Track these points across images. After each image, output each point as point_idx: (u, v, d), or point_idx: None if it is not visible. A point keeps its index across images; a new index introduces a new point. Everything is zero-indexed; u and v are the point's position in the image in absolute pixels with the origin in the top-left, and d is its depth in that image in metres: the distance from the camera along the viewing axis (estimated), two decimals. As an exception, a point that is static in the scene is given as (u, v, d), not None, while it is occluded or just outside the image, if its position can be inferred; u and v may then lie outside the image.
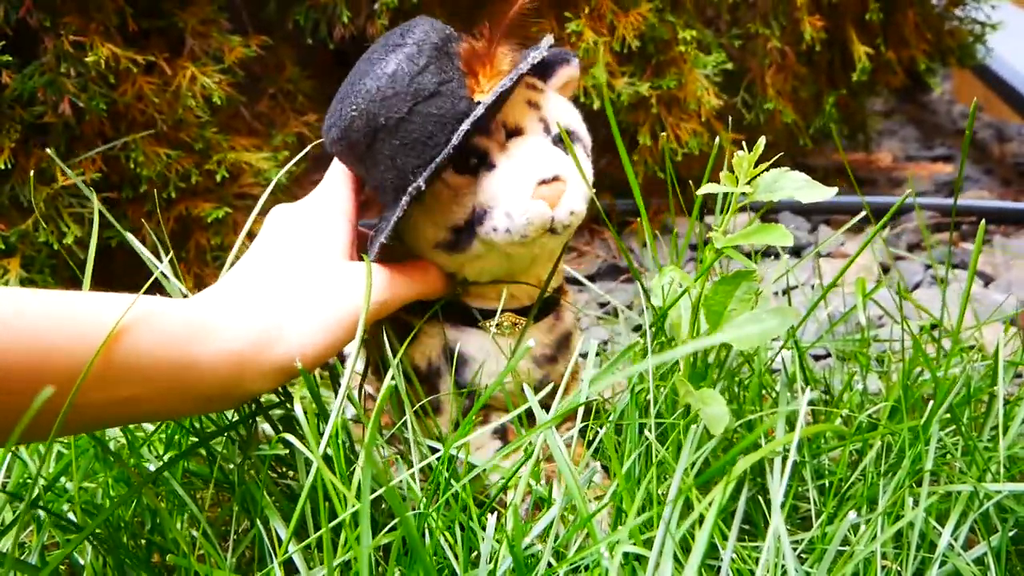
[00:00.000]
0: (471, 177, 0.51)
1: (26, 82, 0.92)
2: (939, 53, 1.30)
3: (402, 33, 0.51)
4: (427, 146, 0.49)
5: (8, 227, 0.95)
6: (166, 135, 1.01)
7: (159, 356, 0.44)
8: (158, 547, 0.53)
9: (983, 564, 0.50)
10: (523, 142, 0.51)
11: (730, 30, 1.24)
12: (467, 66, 0.50)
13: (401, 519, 0.31)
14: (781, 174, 0.46)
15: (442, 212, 0.52)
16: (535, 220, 0.49)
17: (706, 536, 0.35)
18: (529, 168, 0.50)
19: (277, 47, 1.14)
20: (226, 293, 0.49)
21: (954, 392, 0.57)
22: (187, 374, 0.45)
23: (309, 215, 0.53)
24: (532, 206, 0.49)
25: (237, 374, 0.46)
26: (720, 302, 0.45)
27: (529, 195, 0.49)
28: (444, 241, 0.52)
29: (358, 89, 0.50)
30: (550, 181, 0.49)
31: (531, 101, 0.53)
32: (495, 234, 0.50)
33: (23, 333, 0.39)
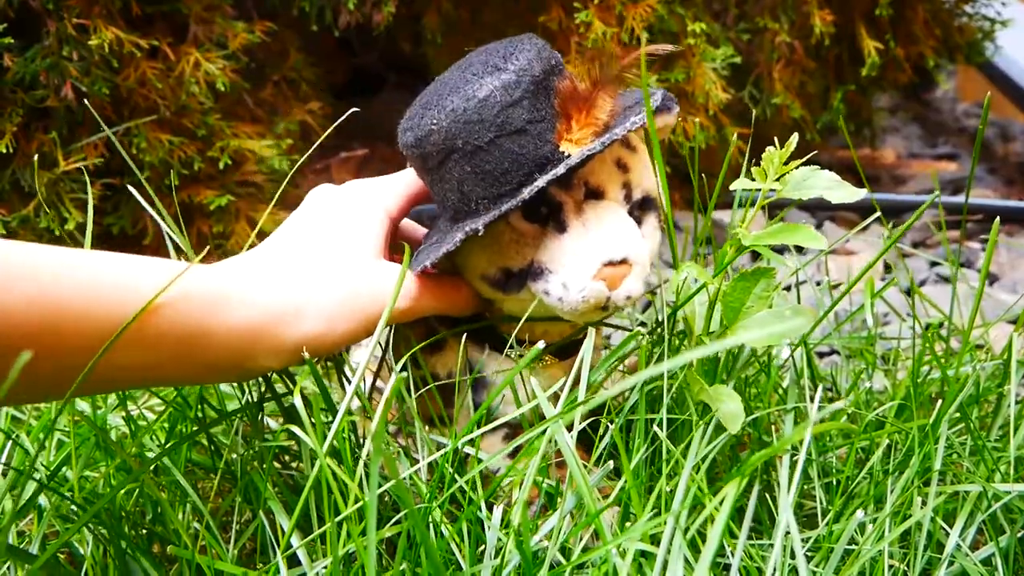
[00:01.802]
0: (539, 227, 0.49)
1: (28, 65, 0.91)
2: (947, 50, 1.30)
3: (505, 56, 0.48)
4: (498, 181, 0.47)
5: (9, 212, 0.94)
6: (169, 121, 1.00)
7: (176, 324, 0.43)
8: (159, 537, 0.53)
9: (991, 565, 0.49)
10: (601, 209, 0.49)
11: (738, 23, 1.23)
12: (563, 108, 0.47)
13: (409, 512, 0.31)
14: (811, 172, 0.45)
15: (499, 252, 0.50)
16: (591, 299, 0.47)
17: (718, 534, 0.34)
18: (599, 244, 0.47)
19: (281, 33, 1.13)
20: (252, 264, 0.48)
21: (964, 391, 0.57)
22: (202, 342, 0.44)
23: (350, 202, 0.52)
24: (591, 286, 0.47)
25: (250, 347, 0.46)
26: (738, 299, 0.45)
27: (592, 274, 0.47)
28: (492, 278, 0.51)
29: (445, 103, 0.48)
30: (617, 263, 0.47)
31: (620, 162, 0.50)
32: (547, 297, 0.49)
33: (41, 293, 0.39)
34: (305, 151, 1.17)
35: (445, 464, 0.46)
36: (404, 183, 0.54)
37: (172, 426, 0.59)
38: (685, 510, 0.41)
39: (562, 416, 0.44)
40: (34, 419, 0.65)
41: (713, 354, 0.53)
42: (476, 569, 0.44)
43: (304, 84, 1.18)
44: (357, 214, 0.51)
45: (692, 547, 0.44)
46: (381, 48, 1.47)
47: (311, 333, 0.47)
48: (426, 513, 0.45)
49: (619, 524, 0.47)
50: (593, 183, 0.49)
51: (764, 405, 0.58)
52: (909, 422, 0.56)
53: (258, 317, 0.46)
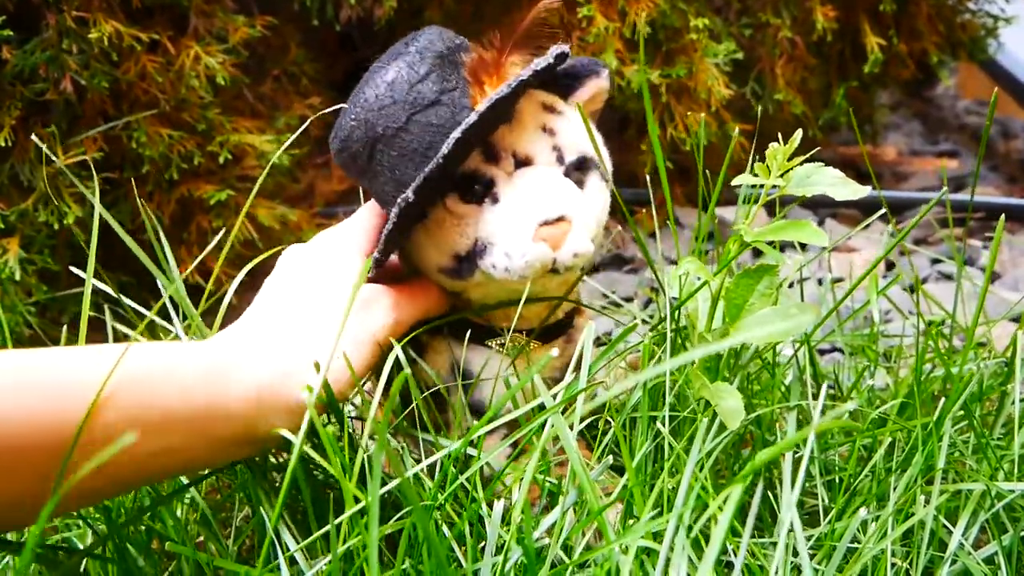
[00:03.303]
0: (476, 206, 0.49)
1: (27, 58, 0.91)
2: (950, 46, 1.29)
3: (407, 42, 0.49)
4: (426, 157, 0.46)
5: (8, 206, 0.94)
6: (168, 115, 0.99)
7: (180, 406, 0.43)
8: (157, 534, 0.52)
9: (994, 564, 0.49)
10: (531, 174, 0.49)
11: (740, 19, 1.22)
12: (473, 75, 0.47)
13: (414, 509, 0.30)
14: (815, 169, 0.45)
15: (444, 239, 0.50)
16: (535, 262, 0.47)
17: (723, 533, 0.34)
18: (532, 207, 0.47)
19: (282, 28, 1.12)
20: (241, 334, 0.49)
21: (968, 390, 0.57)
22: (210, 421, 0.44)
23: (322, 253, 0.52)
24: (532, 248, 0.47)
25: (257, 413, 0.45)
26: (741, 295, 0.44)
27: (530, 236, 0.47)
28: (447, 267, 0.51)
29: (358, 99, 0.48)
30: (554, 222, 0.47)
31: (546, 127, 0.50)
32: (494, 271, 0.49)
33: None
34: (305, 146, 1.17)
35: (449, 464, 0.46)
36: (367, 217, 0.54)
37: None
38: (688, 508, 0.41)
39: (562, 406, 0.44)
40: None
41: (716, 352, 0.53)
42: (477, 566, 0.44)
43: (305, 79, 1.18)
44: (330, 261, 0.51)
45: (695, 545, 0.44)
46: (382, 43, 1.46)
47: (314, 383, 0.46)
48: (431, 511, 0.45)
49: (622, 521, 0.47)
50: (521, 153, 0.49)
51: (766, 403, 0.58)
52: (911, 420, 0.56)
53: (259, 381, 0.45)
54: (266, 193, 1.06)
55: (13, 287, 0.92)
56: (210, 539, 0.51)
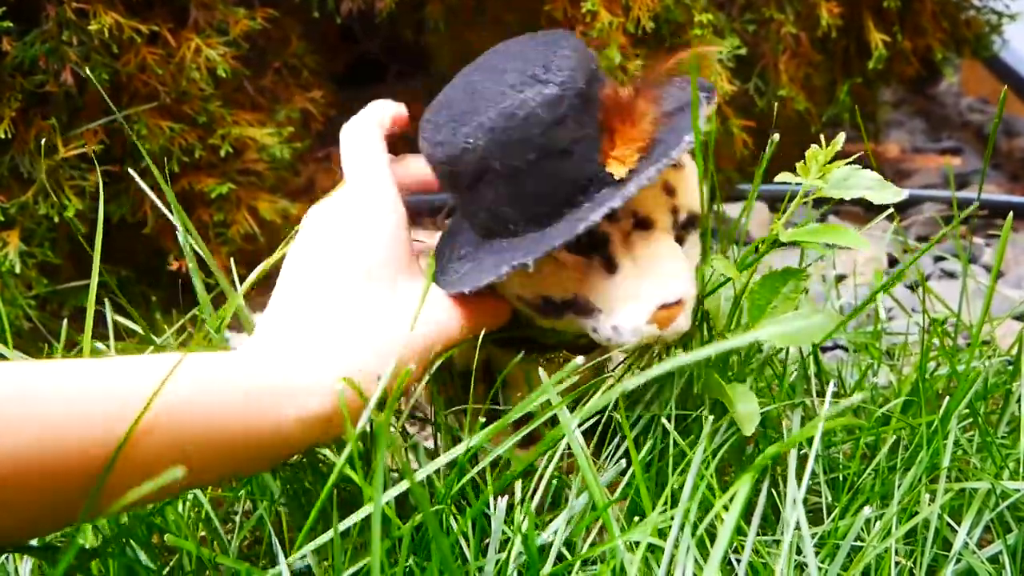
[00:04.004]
0: (582, 259, 0.46)
1: (27, 50, 0.90)
2: (955, 43, 1.29)
3: (546, 65, 0.44)
4: (537, 203, 0.44)
5: (7, 199, 0.93)
6: (169, 108, 0.99)
7: (226, 429, 0.39)
8: (158, 528, 0.52)
9: (998, 563, 0.49)
10: (653, 243, 0.45)
11: (743, 14, 1.22)
12: (606, 121, 0.44)
13: (425, 514, 0.30)
14: (853, 171, 0.44)
15: (539, 281, 0.47)
16: (643, 340, 0.45)
17: (730, 531, 0.34)
18: (654, 287, 0.45)
19: (283, 20, 1.12)
20: (289, 341, 0.44)
21: (973, 388, 0.56)
22: (268, 441, 0.40)
23: (356, 221, 0.47)
24: (645, 329, 0.45)
25: (326, 430, 0.42)
26: (765, 297, 0.44)
27: (646, 317, 0.44)
28: (530, 302, 0.48)
29: (481, 120, 0.44)
30: (672, 306, 0.45)
31: (668, 186, 0.47)
32: (594, 334, 0.47)
33: (36, 418, 0.33)
34: (306, 139, 1.16)
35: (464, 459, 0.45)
36: (386, 172, 0.49)
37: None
38: (694, 505, 0.41)
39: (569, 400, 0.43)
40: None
41: (728, 350, 0.52)
42: (482, 562, 0.44)
43: (305, 71, 1.17)
44: (371, 234, 0.46)
45: (699, 542, 0.44)
46: (383, 36, 1.46)
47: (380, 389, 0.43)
48: (440, 513, 0.45)
49: (625, 518, 0.47)
50: (642, 213, 0.45)
51: (771, 400, 0.58)
52: (916, 418, 0.56)
53: (325, 402, 0.41)
54: (267, 187, 1.06)
55: (13, 280, 0.91)
56: (212, 535, 0.51)
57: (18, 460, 0.32)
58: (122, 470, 0.34)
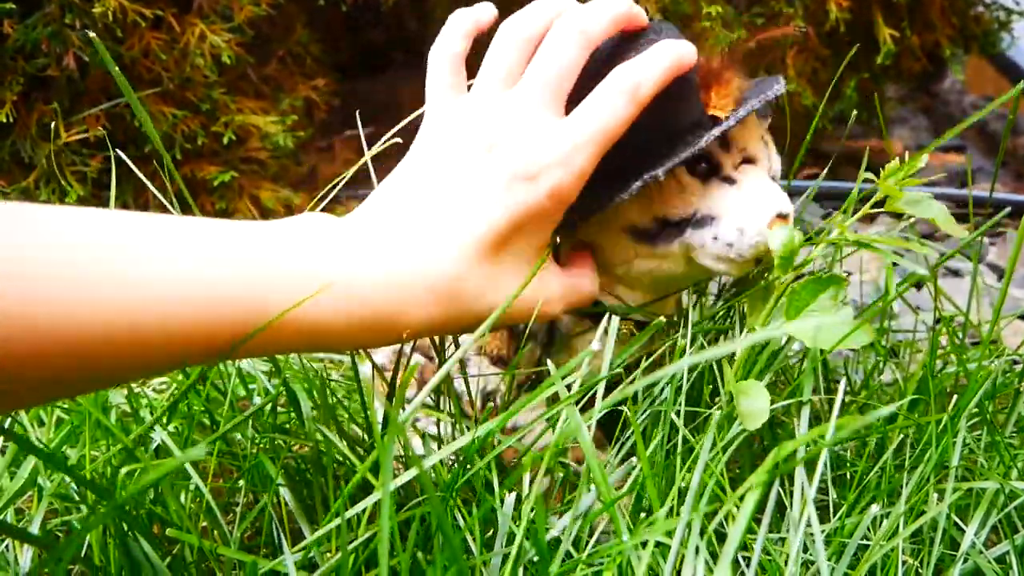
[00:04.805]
0: (698, 181, 0.51)
1: (29, 33, 0.89)
2: (963, 39, 1.28)
3: (656, 30, 0.51)
4: (654, 142, 0.49)
5: (8, 184, 0.92)
6: (172, 94, 0.98)
7: (354, 327, 0.41)
8: (159, 518, 0.52)
9: (1005, 563, 0.49)
10: (759, 174, 0.52)
11: (751, 7, 1.21)
12: (703, 81, 0.50)
13: (432, 506, 0.30)
14: (925, 197, 0.48)
15: (661, 201, 0.51)
16: (761, 246, 0.50)
17: (741, 530, 0.34)
18: (773, 197, 0.50)
19: (287, 7, 1.11)
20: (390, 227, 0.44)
21: (983, 387, 0.56)
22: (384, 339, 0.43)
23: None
24: (766, 231, 0.49)
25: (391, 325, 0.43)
26: (805, 299, 0.45)
27: (767, 222, 0.49)
28: (642, 228, 0.52)
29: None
30: (784, 217, 0.50)
31: (764, 138, 0.53)
32: (712, 243, 0.50)
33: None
34: (309, 128, 1.15)
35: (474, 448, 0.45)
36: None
37: (173, 405, 0.58)
38: (701, 504, 0.40)
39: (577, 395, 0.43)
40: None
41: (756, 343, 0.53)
42: (487, 556, 0.43)
43: (309, 59, 1.16)
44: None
45: (707, 540, 0.43)
46: (387, 25, 1.45)
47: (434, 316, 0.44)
48: (447, 502, 0.44)
49: (631, 513, 0.47)
50: (750, 151, 0.52)
51: (776, 396, 0.58)
52: (923, 416, 0.55)
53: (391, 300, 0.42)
54: (270, 176, 1.05)
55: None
56: (213, 526, 0.51)
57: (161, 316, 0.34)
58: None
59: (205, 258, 0.37)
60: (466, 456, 0.46)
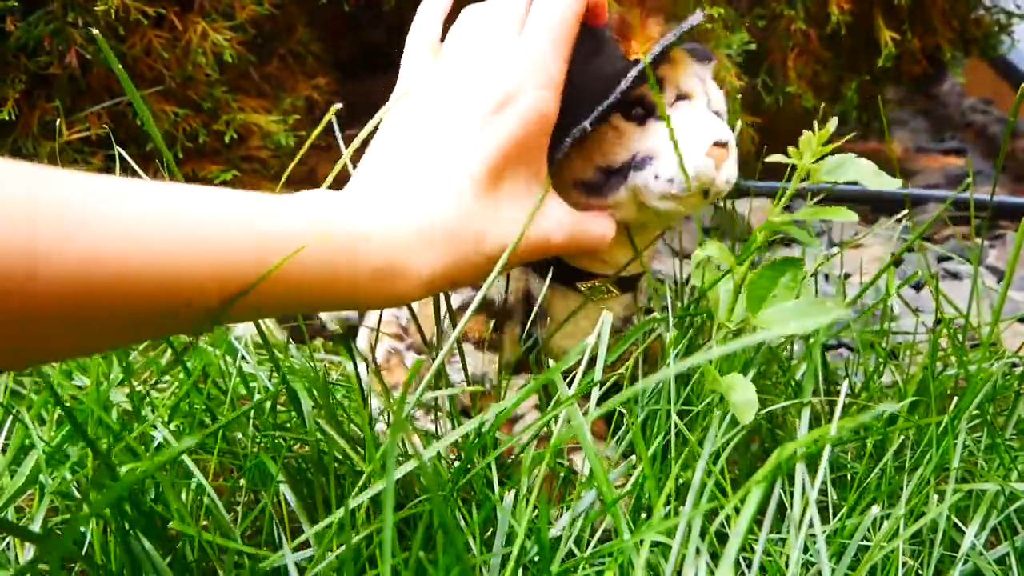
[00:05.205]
0: (636, 125, 0.51)
1: (31, 30, 0.89)
2: (963, 42, 1.28)
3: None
4: (582, 97, 0.49)
5: (9, 181, 0.92)
6: (174, 92, 0.98)
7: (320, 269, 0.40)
8: (160, 516, 0.52)
9: (1005, 564, 0.49)
10: (695, 108, 0.51)
11: (753, 9, 1.21)
12: (621, 33, 0.50)
13: (434, 501, 0.30)
14: (847, 158, 0.44)
15: (600, 151, 0.51)
16: (702, 176, 0.49)
17: (742, 531, 0.34)
18: (705, 127, 0.50)
19: (289, 7, 1.11)
20: (381, 184, 0.44)
21: (983, 389, 0.56)
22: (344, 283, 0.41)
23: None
24: (703, 161, 0.49)
25: (391, 281, 0.42)
26: (764, 287, 0.44)
27: (704, 151, 0.49)
28: (589, 181, 0.52)
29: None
30: (723, 145, 0.49)
31: (699, 76, 0.53)
32: (654, 182, 0.50)
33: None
34: (311, 127, 1.15)
35: (473, 451, 0.45)
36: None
37: (175, 404, 0.58)
38: (702, 505, 0.40)
39: (578, 396, 0.43)
40: (34, 394, 0.64)
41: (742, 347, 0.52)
42: (487, 556, 0.44)
43: (311, 59, 1.16)
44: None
45: (707, 540, 0.43)
46: (388, 25, 1.45)
47: (438, 267, 0.43)
48: (449, 500, 0.44)
49: (631, 512, 0.47)
50: (683, 88, 0.51)
51: (775, 397, 0.58)
52: (923, 418, 0.56)
53: (393, 250, 0.42)
54: (271, 175, 1.05)
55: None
56: (215, 524, 0.51)
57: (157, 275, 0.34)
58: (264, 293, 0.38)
59: (211, 213, 0.38)
60: (466, 453, 0.46)
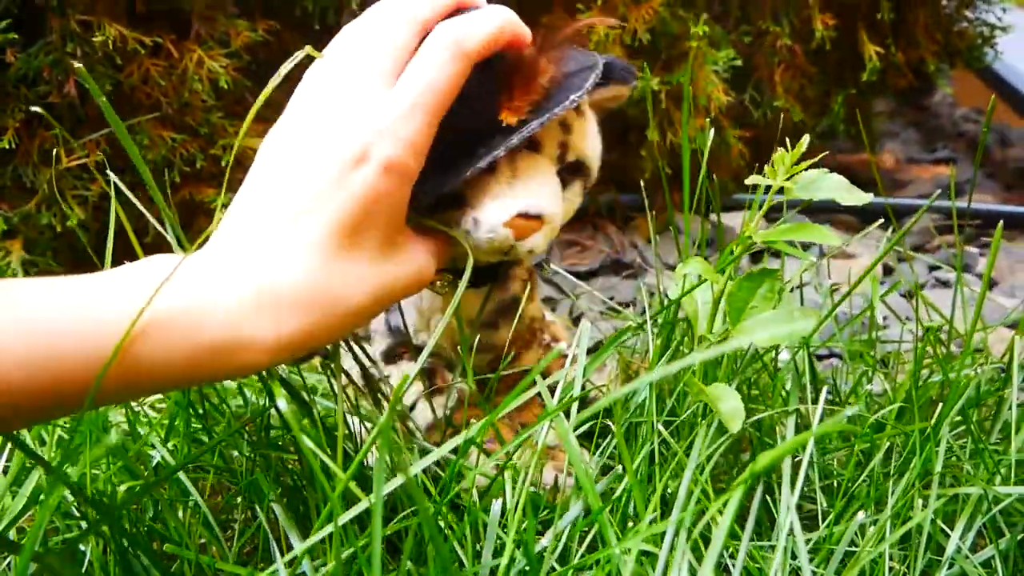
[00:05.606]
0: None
1: (31, 61, 0.91)
2: (947, 55, 1.30)
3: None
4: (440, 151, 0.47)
5: (11, 208, 0.94)
6: (171, 118, 1.00)
7: (160, 353, 0.37)
8: (159, 534, 0.53)
9: (990, 567, 0.49)
10: (533, 162, 0.50)
11: (739, 26, 1.23)
12: (506, 77, 0.47)
13: (421, 514, 0.31)
14: (821, 174, 0.45)
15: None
16: (495, 242, 0.48)
17: (723, 536, 0.35)
18: (521, 195, 0.48)
19: (284, 33, 1.13)
20: (229, 248, 0.41)
21: (965, 395, 0.57)
22: (190, 362, 0.38)
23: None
24: (500, 231, 0.48)
25: (230, 356, 0.39)
26: (743, 298, 0.45)
27: (504, 220, 0.48)
28: (427, 203, 0.50)
29: None
30: (530, 218, 0.48)
31: (565, 122, 0.51)
32: (455, 227, 0.49)
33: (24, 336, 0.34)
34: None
35: (456, 466, 0.46)
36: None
37: (171, 421, 0.59)
38: (688, 512, 0.41)
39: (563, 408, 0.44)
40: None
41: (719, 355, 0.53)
42: (477, 568, 0.44)
43: (306, 83, 1.18)
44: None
45: (693, 548, 0.44)
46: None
47: (293, 330, 0.40)
48: (436, 513, 0.45)
49: (617, 521, 0.48)
50: (535, 136, 0.49)
51: (764, 407, 0.59)
52: (909, 425, 0.56)
53: (235, 320, 0.39)
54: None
55: (15, 289, 0.92)
56: (212, 542, 0.52)
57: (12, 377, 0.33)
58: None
59: (43, 310, 0.36)
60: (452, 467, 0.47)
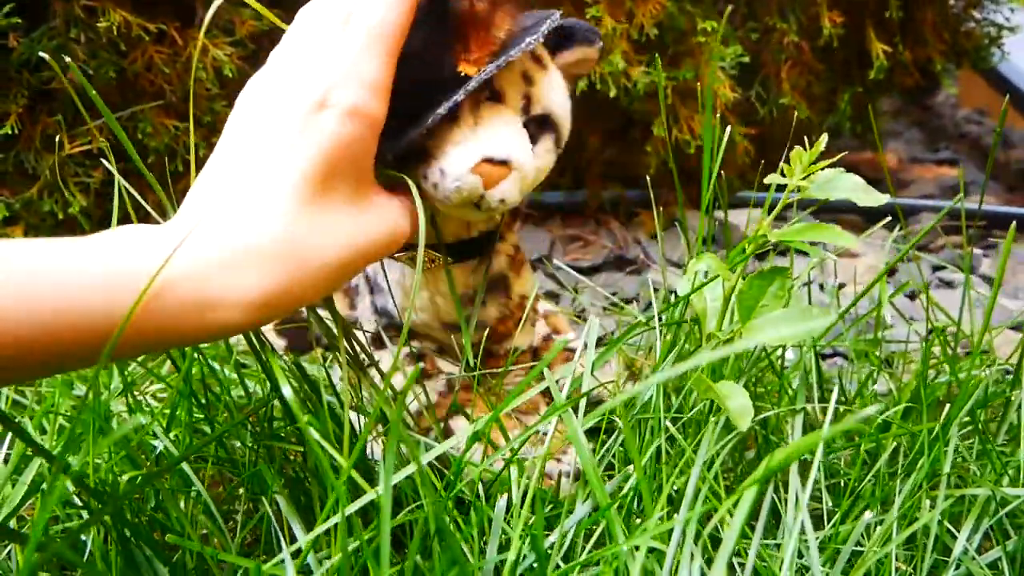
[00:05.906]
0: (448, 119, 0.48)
1: (34, 46, 0.90)
2: (954, 55, 1.30)
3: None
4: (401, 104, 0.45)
5: (12, 194, 0.93)
6: (175, 106, 0.99)
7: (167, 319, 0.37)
8: (160, 524, 0.52)
9: (997, 569, 0.49)
10: (497, 112, 0.49)
11: (746, 23, 1.22)
12: (460, 29, 0.46)
13: (428, 506, 0.30)
14: (837, 174, 0.45)
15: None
16: (464, 191, 0.47)
17: (735, 535, 0.34)
18: (484, 140, 0.47)
19: (289, 21, 1.12)
20: (214, 239, 0.39)
21: (974, 396, 0.57)
22: (185, 326, 0.38)
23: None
24: (467, 177, 0.46)
25: (203, 314, 0.38)
26: (753, 297, 0.44)
27: (470, 166, 0.46)
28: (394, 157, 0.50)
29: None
30: (497, 163, 0.47)
31: (527, 74, 0.50)
32: (423, 181, 0.48)
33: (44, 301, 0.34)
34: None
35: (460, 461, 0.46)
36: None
37: (172, 410, 0.59)
38: (696, 511, 0.41)
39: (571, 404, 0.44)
40: (36, 404, 0.64)
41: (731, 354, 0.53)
42: (483, 562, 0.44)
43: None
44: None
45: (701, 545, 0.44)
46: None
47: (268, 287, 0.39)
48: (443, 506, 0.45)
49: (623, 520, 0.47)
50: (495, 85, 0.49)
51: (769, 405, 0.58)
52: (916, 425, 0.56)
53: (203, 280, 0.38)
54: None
55: (15, 276, 0.91)
56: (214, 533, 0.51)
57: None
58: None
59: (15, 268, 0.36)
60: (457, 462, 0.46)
